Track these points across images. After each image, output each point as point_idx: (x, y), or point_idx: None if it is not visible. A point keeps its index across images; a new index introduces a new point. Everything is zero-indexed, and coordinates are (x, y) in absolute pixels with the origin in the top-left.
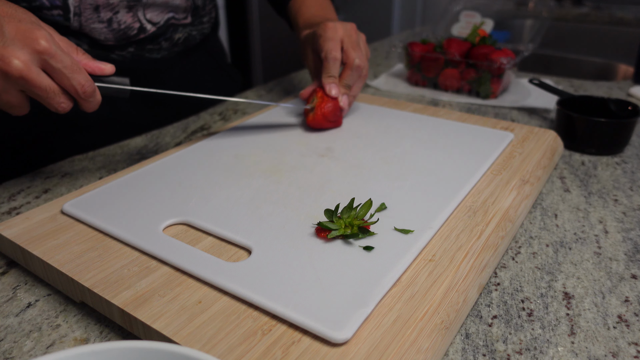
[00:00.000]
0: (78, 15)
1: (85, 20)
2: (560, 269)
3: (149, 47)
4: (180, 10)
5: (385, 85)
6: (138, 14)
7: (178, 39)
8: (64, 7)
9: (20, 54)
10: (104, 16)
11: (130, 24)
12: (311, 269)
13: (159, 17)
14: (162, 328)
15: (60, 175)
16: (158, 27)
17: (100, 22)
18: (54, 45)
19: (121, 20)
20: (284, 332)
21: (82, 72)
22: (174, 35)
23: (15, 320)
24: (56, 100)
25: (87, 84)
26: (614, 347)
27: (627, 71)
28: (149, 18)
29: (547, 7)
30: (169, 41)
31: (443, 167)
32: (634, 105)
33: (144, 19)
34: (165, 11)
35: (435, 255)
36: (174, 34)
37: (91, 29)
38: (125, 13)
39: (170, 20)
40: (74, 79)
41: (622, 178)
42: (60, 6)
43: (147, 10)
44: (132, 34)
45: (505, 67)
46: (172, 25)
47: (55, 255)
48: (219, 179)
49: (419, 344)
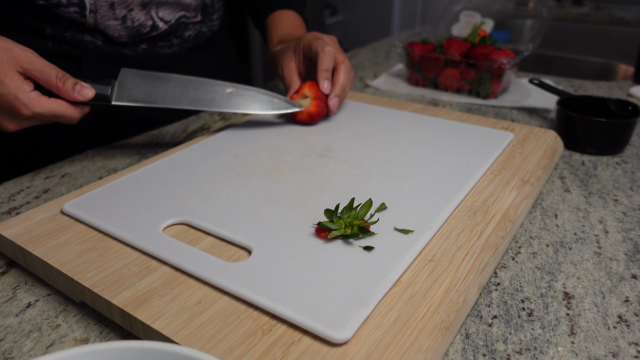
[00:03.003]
0: (94, 12)
1: (101, 17)
2: (560, 269)
3: (161, 44)
4: (190, 8)
5: (385, 85)
6: (151, 12)
7: (189, 36)
8: (80, 5)
9: (7, 123)
10: (118, 13)
11: (143, 21)
12: (311, 269)
13: (170, 15)
14: (162, 328)
15: (60, 175)
16: (170, 25)
17: (115, 19)
18: (32, 108)
19: (135, 18)
20: (284, 332)
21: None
22: (184, 33)
23: (15, 320)
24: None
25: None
26: (614, 347)
27: (627, 71)
28: (161, 16)
29: (547, 7)
30: (179, 38)
31: (443, 167)
32: (634, 105)
33: (156, 17)
34: (177, 9)
35: (435, 255)
36: (185, 31)
37: (106, 26)
38: (139, 11)
39: (181, 18)
40: (58, 120)
41: (622, 178)
42: (76, 3)
43: (160, 8)
44: (145, 31)
45: (505, 67)
46: (183, 24)
47: (55, 255)
48: (219, 179)
49: (419, 344)
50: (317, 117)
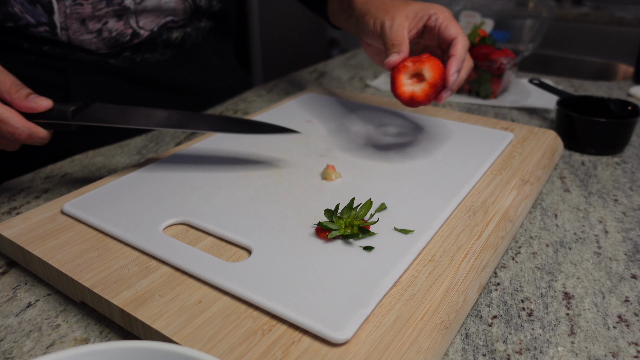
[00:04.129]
0: (65, 29)
1: (73, 34)
2: (560, 269)
3: (144, 49)
4: (179, 12)
5: (385, 85)
6: (130, 21)
7: (175, 38)
8: (50, 24)
9: None
10: (92, 27)
11: (122, 30)
12: (311, 269)
13: (152, 23)
14: (162, 328)
15: (60, 175)
16: (152, 31)
17: (89, 33)
18: None
19: (112, 29)
20: (284, 332)
21: (10, 120)
22: (170, 36)
23: (15, 320)
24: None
25: (18, 131)
26: (614, 347)
27: (627, 71)
28: (142, 25)
29: (547, 7)
30: (164, 42)
31: (443, 167)
32: (634, 105)
33: (136, 26)
34: (161, 16)
35: (435, 255)
36: (170, 34)
37: (80, 41)
38: (116, 22)
39: (167, 24)
40: (2, 129)
41: (622, 178)
42: (46, 22)
43: (140, 17)
44: (124, 40)
45: (505, 67)
46: (168, 28)
47: (55, 255)
48: (219, 179)
49: (419, 344)
50: (417, 104)
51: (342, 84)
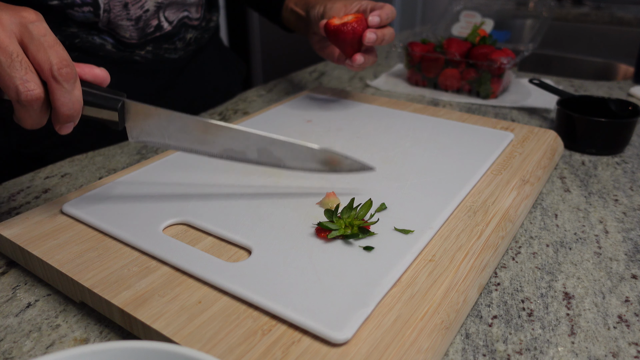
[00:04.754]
0: (107, 11)
1: (114, 17)
2: (560, 269)
3: (165, 47)
4: (193, 7)
5: (385, 85)
6: (159, 12)
7: (190, 38)
8: (94, 4)
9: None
10: (132, 14)
11: (149, 20)
12: (311, 269)
13: (174, 15)
14: (162, 328)
15: (60, 175)
16: (173, 25)
17: (129, 19)
18: (44, 22)
19: (146, 17)
20: (284, 332)
21: (63, 51)
22: (186, 35)
23: (15, 320)
24: (20, 75)
25: (66, 62)
26: (614, 347)
27: (627, 71)
28: (167, 16)
29: (547, 7)
30: (182, 41)
31: (443, 167)
32: (634, 105)
33: (162, 17)
34: (180, 9)
35: (435, 256)
36: (186, 34)
37: (118, 26)
38: (153, 12)
39: (183, 19)
40: (52, 52)
41: (622, 178)
42: (90, 3)
43: (167, 9)
44: (149, 31)
45: (505, 67)
46: (185, 25)
47: (55, 255)
48: (219, 179)
49: (419, 344)
50: (340, 33)
51: (342, 84)
